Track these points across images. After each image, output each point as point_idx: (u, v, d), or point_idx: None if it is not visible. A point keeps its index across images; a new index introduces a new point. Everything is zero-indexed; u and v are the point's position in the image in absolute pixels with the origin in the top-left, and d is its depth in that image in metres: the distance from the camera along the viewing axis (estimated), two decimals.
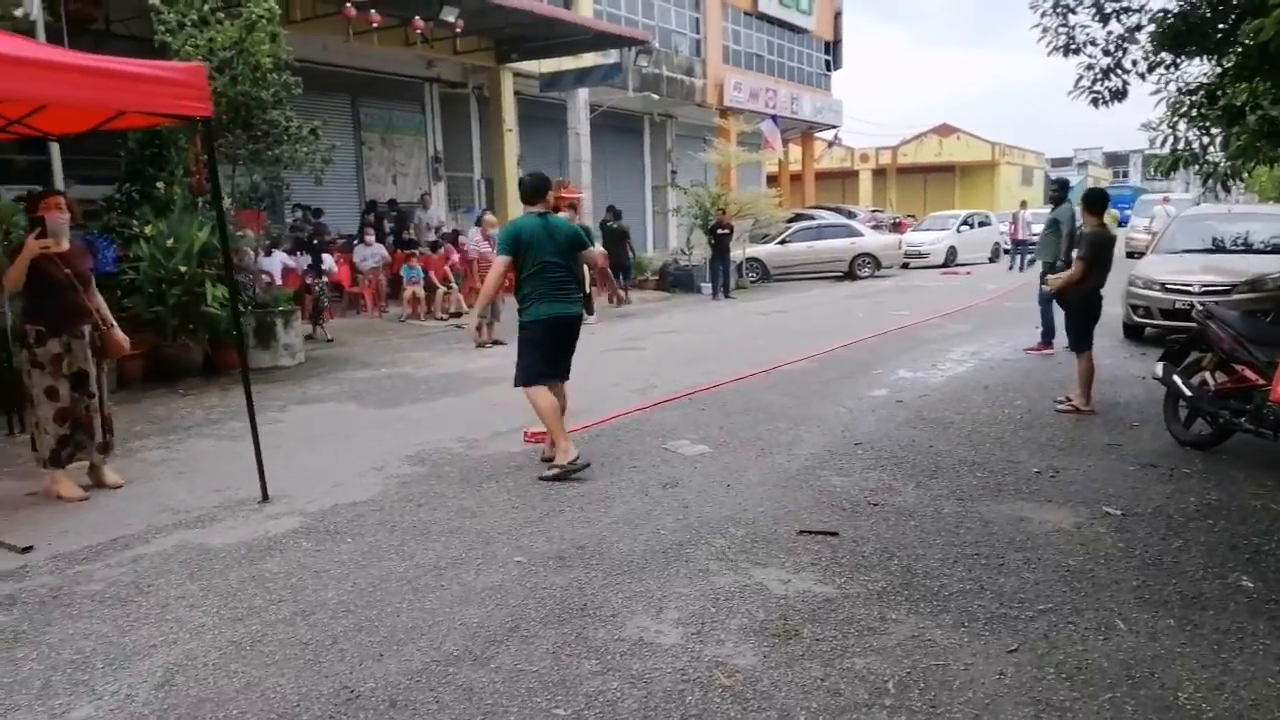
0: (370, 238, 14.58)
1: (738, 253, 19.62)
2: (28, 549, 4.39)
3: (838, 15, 32.49)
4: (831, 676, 3.15)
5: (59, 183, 8.92)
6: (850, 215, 26.87)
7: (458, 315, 13.93)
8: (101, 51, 9.95)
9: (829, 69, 32.72)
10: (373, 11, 12.88)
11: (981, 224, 25.60)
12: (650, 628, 3.52)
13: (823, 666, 3.21)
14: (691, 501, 5.03)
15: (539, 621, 3.58)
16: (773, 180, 30.17)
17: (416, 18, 13.65)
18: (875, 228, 24.86)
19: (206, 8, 8.87)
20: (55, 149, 8.72)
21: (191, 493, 5.33)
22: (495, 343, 11.03)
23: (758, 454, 6.00)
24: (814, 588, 3.88)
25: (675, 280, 18.48)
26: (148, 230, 8.75)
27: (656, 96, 22.51)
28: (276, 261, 12.73)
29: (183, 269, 8.65)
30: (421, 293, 13.87)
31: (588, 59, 18.76)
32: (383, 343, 11.61)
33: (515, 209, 18.24)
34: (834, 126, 33.03)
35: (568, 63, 18.59)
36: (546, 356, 5.60)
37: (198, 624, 3.61)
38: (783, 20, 29.03)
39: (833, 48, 32.76)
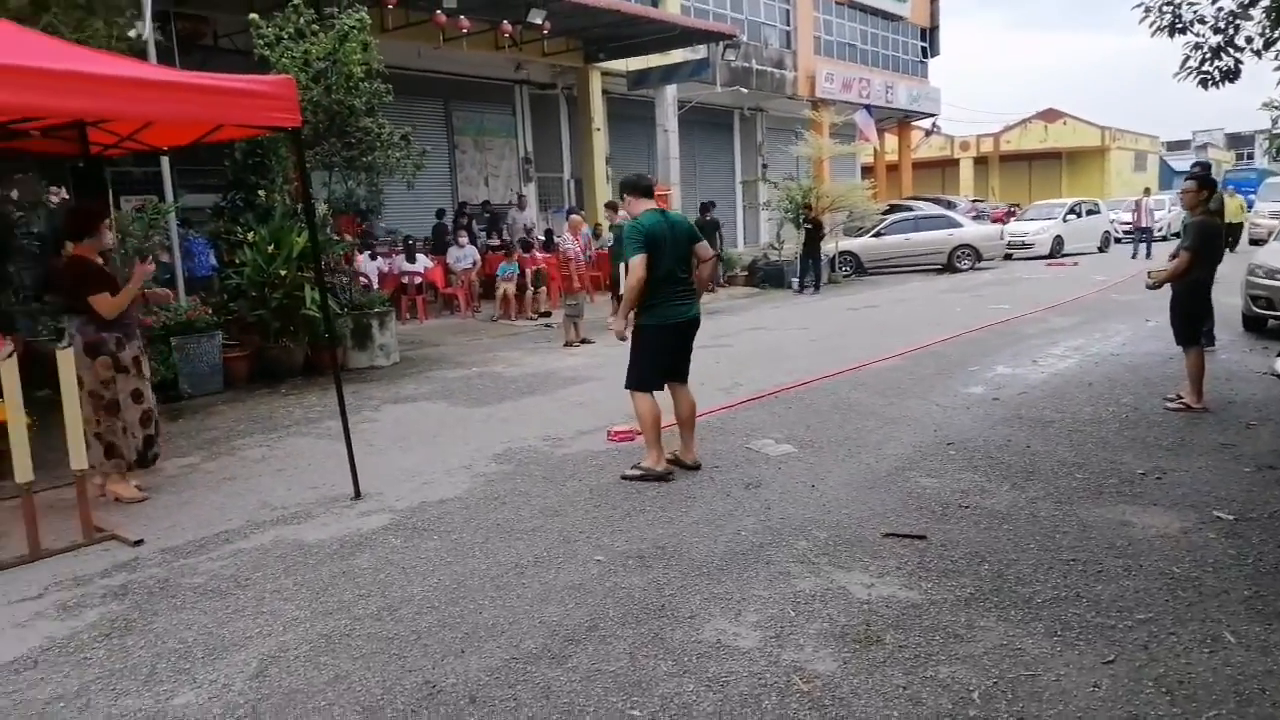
0: (463, 239, 14.90)
1: (830, 246, 19.31)
2: (139, 542, 4.64)
3: (934, 1, 31.62)
4: (914, 685, 3.06)
5: (170, 193, 9.41)
6: (949, 205, 26.11)
7: (546, 315, 14.11)
8: (208, 66, 10.49)
9: (925, 56, 31.89)
10: (462, 17, 13.15)
11: (1090, 212, 24.50)
12: (728, 630, 3.49)
13: (905, 674, 3.12)
14: (774, 502, 4.97)
15: (617, 621, 3.58)
16: (867, 171, 29.56)
17: (505, 21, 13.88)
18: (976, 218, 24.09)
19: (302, 21, 9.20)
20: (166, 161, 9.19)
21: (289, 489, 5.54)
22: (584, 341, 11.14)
23: (844, 454, 5.88)
24: (899, 593, 3.78)
25: (765, 276, 18.30)
26: (251, 236, 9.14)
27: (746, 90, 22.34)
28: (373, 265, 13.15)
29: (283, 273, 9.00)
30: (513, 292, 14.10)
31: (675, 55, 18.74)
32: (474, 342, 11.84)
33: (604, 209, 18.35)
34: (932, 115, 32.16)
35: (655, 60, 18.62)
36: (665, 361, 5.47)
37: (291, 617, 3.74)
38: (876, 8, 28.45)
39: (929, 34, 31.91)
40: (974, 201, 31.94)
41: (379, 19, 10.59)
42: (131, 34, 8.39)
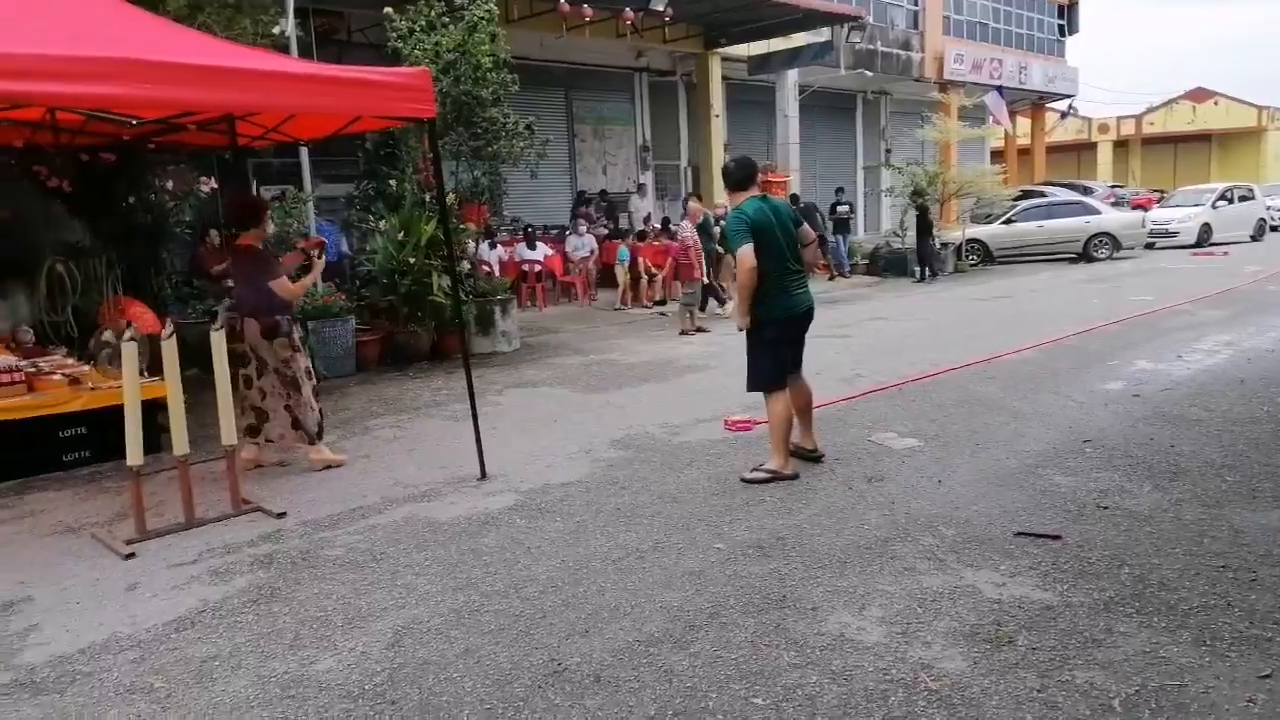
0: (582, 228, 15.10)
1: (956, 234, 18.69)
2: (282, 515, 4.90)
3: None
4: (1049, 688, 2.94)
5: (308, 184, 9.87)
6: (1086, 191, 24.85)
7: (662, 303, 14.17)
8: (343, 60, 10.93)
9: (1063, 34, 30.35)
10: (585, 6, 13.28)
11: (1243, 198, 22.86)
12: (852, 624, 3.44)
13: (1039, 677, 3.01)
14: (898, 497, 4.86)
15: (738, 609, 3.58)
16: (997, 156, 28.42)
17: (627, 9, 13.94)
18: (1115, 204, 22.84)
19: (433, 13, 9.47)
20: (304, 153, 9.64)
21: (419, 469, 5.75)
22: (699, 330, 11.13)
23: (973, 449, 5.69)
24: (1032, 594, 3.64)
25: (886, 264, 17.86)
26: (382, 225, 9.50)
27: (870, 73, 21.80)
28: (494, 253, 13.47)
29: (411, 260, 9.33)
30: (626, 278, 14.20)
31: (797, 39, 18.44)
32: (592, 330, 12.00)
33: (723, 195, 18.25)
34: (1068, 96, 30.61)
35: (777, 44, 18.37)
36: (784, 355, 5.24)
37: (423, 591, 3.89)
38: None
39: (1068, 11, 30.36)
40: (1113, 187, 30.27)
41: (504, 10, 10.81)
42: (275, 30, 8.83)
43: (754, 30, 17.39)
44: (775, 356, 5.22)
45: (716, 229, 13.49)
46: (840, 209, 17.84)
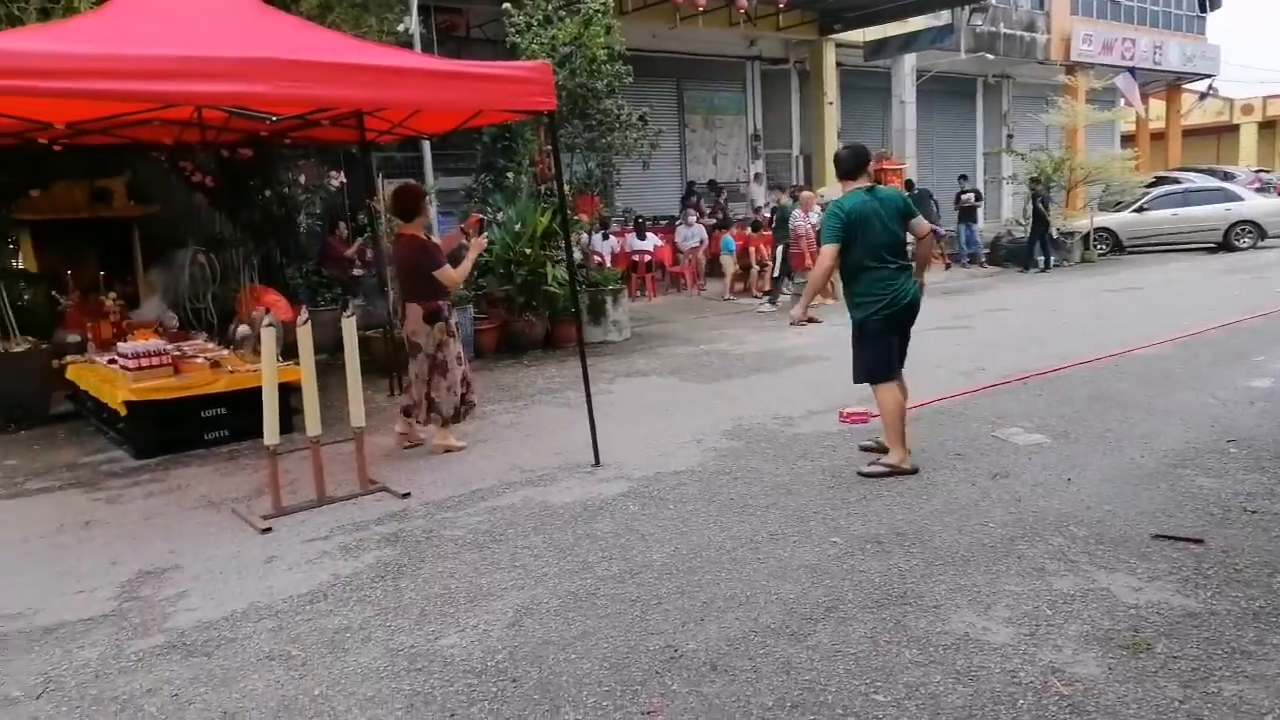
0: (692, 218, 15.08)
1: (1083, 222, 17.84)
2: (406, 495, 5.08)
3: None
4: (1192, 699, 2.79)
5: (429, 177, 10.17)
6: (1226, 177, 23.33)
7: (770, 293, 14.03)
8: (462, 55, 11.19)
9: (1203, 10, 28.47)
10: None
11: None
12: (977, 624, 3.33)
13: (1181, 688, 2.85)
14: (1024, 494, 4.68)
15: (856, 605, 3.52)
16: (1128, 140, 26.95)
17: None
18: (1260, 190, 21.37)
19: (550, 7, 9.61)
20: (426, 146, 9.93)
21: (535, 454, 5.86)
22: (810, 320, 10.97)
23: (1105, 447, 5.43)
24: (1172, 599, 3.45)
25: (1008, 254, 17.18)
26: (499, 216, 9.70)
27: (992, 56, 20.98)
28: (607, 243, 13.59)
29: (527, 251, 9.50)
30: (733, 267, 14.11)
31: (914, 23, 17.90)
32: (701, 320, 11.98)
33: (834, 184, 17.91)
34: (1208, 76, 28.73)
35: (894, 28, 17.87)
36: (892, 345, 5.14)
37: (541, 573, 3.97)
38: None
39: None
40: (1258, 172, 28.29)
41: (619, 2, 10.87)
42: (400, 28, 9.13)
43: (870, 15, 16.96)
44: (882, 347, 5.10)
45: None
46: (965, 196, 17.25)
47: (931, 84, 20.38)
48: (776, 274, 12.54)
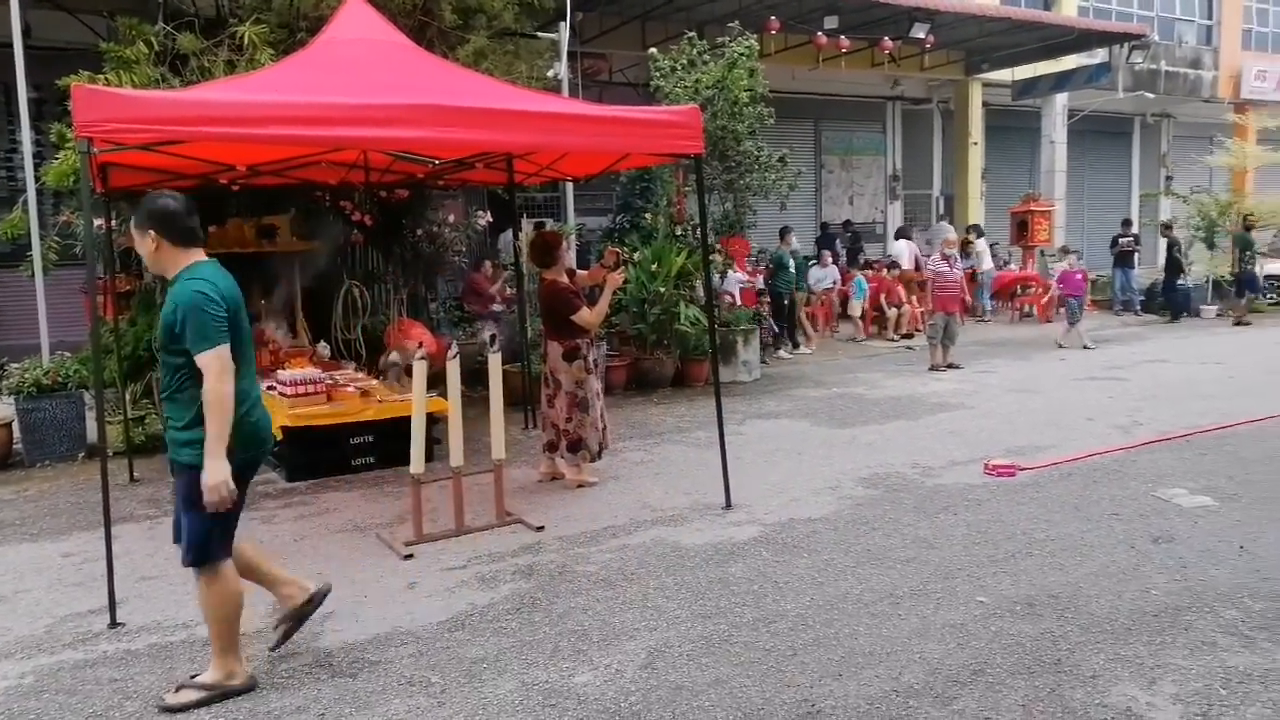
0: (827, 259, 14.90)
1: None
2: (540, 529, 5.16)
3: None
4: None
5: (570, 217, 10.43)
6: None
7: (909, 337, 13.66)
8: (604, 98, 11.48)
9: None
10: (841, 37, 13.17)
11: None
12: (1140, 699, 3.10)
13: None
14: (1191, 561, 4.35)
15: (1006, 670, 3.34)
16: None
17: (885, 38, 13.67)
18: None
19: (695, 51, 9.75)
20: (568, 187, 10.20)
21: (666, 493, 5.86)
22: (951, 366, 10.61)
23: None
24: None
25: (1166, 301, 16.19)
26: (635, 256, 9.85)
27: (1152, 95, 19.95)
28: (735, 283, 13.56)
29: (661, 290, 9.59)
30: (867, 309, 13.83)
31: (1069, 61, 17.25)
32: (833, 362, 11.76)
33: (979, 223, 17.28)
34: None
35: (1044, 67, 17.28)
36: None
37: (673, 615, 3.95)
38: None
39: None
40: None
41: (761, 45, 10.94)
42: (549, 74, 9.45)
43: (1020, 54, 16.47)
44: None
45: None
46: (1124, 240, 16.43)
47: (1084, 123, 19.55)
48: (777, 329, 12.18)
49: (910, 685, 3.24)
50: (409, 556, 4.78)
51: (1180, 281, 15.68)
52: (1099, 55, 17.57)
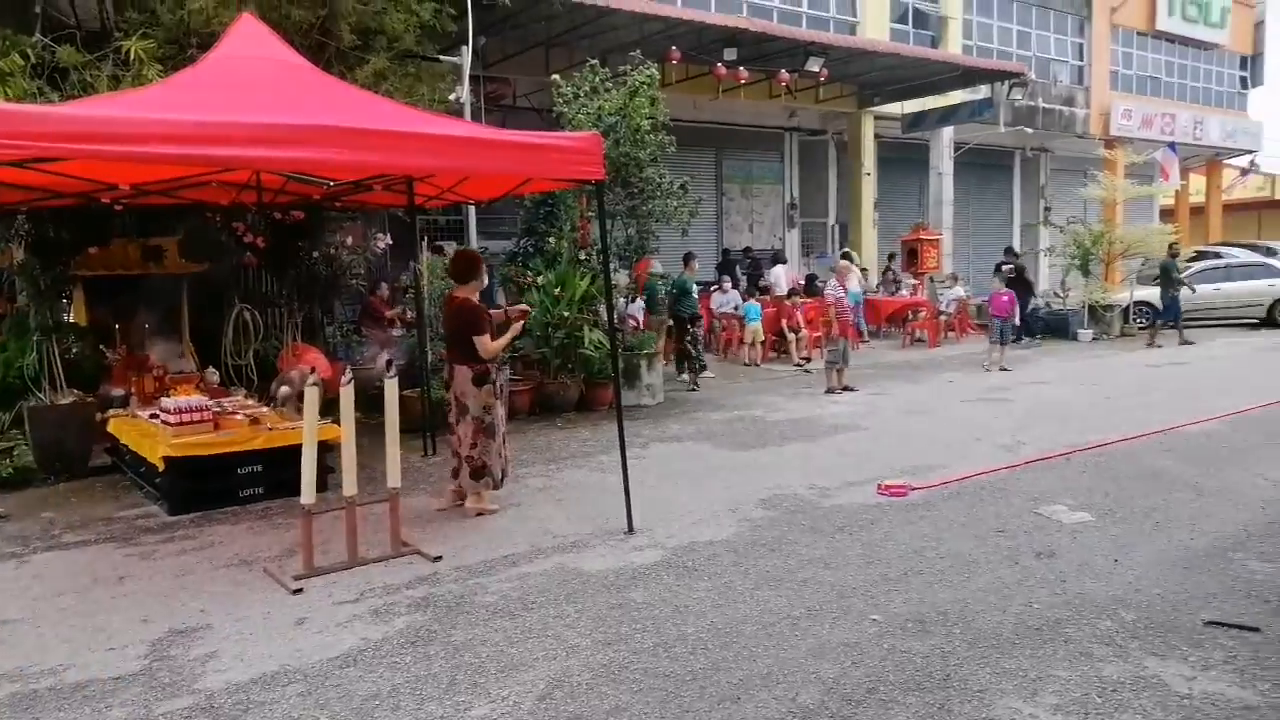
0: (727, 284, 15.16)
1: (1123, 295, 17.67)
2: (438, 558, 5.05)
3: (1258, 26, 28.27)
4: None
5: (474, 240, 10.34)
6: (1270, 253, 23.03)
7: (806, 360, 13.98)
8: (508, 123, 11.46)
9: (1245, 86, 28.53)
10: (740, 69, 13.50)
11: None
12: (1023, 710, 3.22)
13: None
14: (1070, 575, 4.55)
15: (898, 687, 3.42)
16: (1167, 214, 26.82)
17: (782, 71, 14.08)
18: None
19: (597, 79, 9.84)
20: (471, 211, 10.12)
21: (567, 519, 5.82)
22: (846, 389, 10.90)
23: (1152, 527, 5.29)
24: (1228, 690, 3.31)
25: (1046, 326, 17.04)
26: (539, 280, 9.81)
27: (1031, 130, 21.09)
28: (639, 308, 13.66)
29: (565, 314, 9.58)
30: (758, 335, 14.13)
31: (955, 96, 18.09)
32: (733, 385, 11.93)
33: (870, 251, 18.00)
34: (1249, 151, 28.63)
35: (932, 101, 18.08)
36: None
37: (573, 643, 3.91)
38: (1186, 37, 25.85)
39: (1251, 62, 28.54)
40: None
41: (663, 74, 11.11)
42: (451, 97, 9.37)
43: (910, 89, 17.20)
44: None
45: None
46: (1005, 268, 17.25)
47: (970, 155, 20.49)
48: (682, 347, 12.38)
49: (806, 706, 3.28)
50: (298, 591, 4.61)
51: (1031, 305, 16.42)
52: (982, 91, 18.50)
